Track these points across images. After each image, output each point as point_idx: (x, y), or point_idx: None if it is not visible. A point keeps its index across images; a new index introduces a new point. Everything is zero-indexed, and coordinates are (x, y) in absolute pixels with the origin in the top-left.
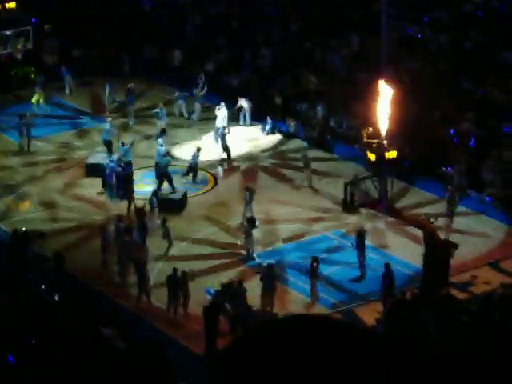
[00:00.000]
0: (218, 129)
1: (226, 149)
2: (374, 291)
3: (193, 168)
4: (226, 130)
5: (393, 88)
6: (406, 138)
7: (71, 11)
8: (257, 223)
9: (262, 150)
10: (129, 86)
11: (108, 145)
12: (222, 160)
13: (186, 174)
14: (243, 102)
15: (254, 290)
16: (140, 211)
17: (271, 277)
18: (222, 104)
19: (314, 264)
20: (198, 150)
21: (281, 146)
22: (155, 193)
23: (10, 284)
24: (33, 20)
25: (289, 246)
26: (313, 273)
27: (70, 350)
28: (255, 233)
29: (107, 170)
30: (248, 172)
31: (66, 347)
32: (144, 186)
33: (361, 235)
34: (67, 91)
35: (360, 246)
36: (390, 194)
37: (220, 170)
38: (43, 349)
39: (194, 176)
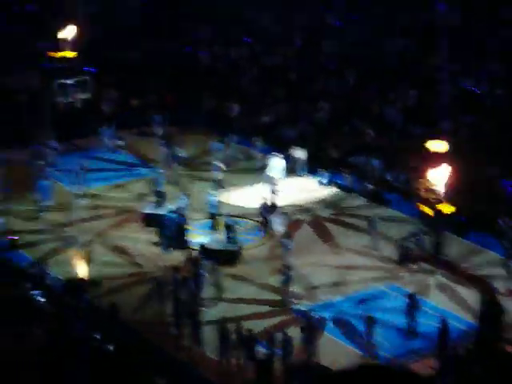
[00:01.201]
0: (271, 179)
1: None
2: (429, 346)
3: (266, 219)
4: (278, 184)
5: (449, 142)
6: (463, 192)
7: (130, 62)
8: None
9: (318, 202)
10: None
11: (160, 195)
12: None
13: (264, 227)
14: (298, 153)
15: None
16: (195, 261)
17: (312, 328)
18: (279, 155)
19: (369, 318)
20: (265, 200)
21: (337, 199)
22: (203, 245)
23: (63, 334)
24: (92, 70)
25: (343, 299)
26: (368, 327)
27: None
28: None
29: (166, 221)
30: (304, 224)
31: None
32: (198, 236)
33: (419, 293)
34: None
35: (413, 306)
36: (446, 248)
37: (276, 221)
38: None
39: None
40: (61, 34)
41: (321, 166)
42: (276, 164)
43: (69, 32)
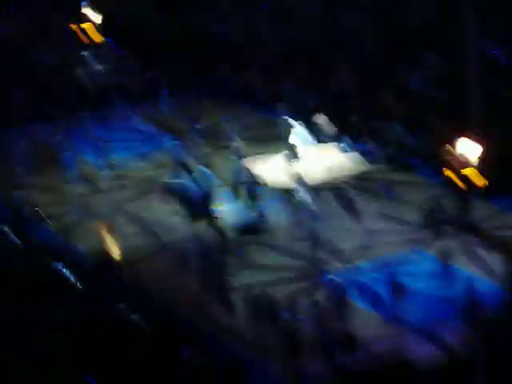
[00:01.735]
0: (293, 147)
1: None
2: (458, 312)
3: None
4: (300, 151)
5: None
6: (492, 161)
7: (147, 36)
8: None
9: (338, 168)
10: None
11: (182, 165)
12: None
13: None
14: (320, 119)
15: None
16: (219, 231)
17: (339, 295)
18: (299, 122)
19: (395, 284)
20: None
21: (358, 165)
22: (226, 214)
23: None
24: (111, 43)
25: (368, 265)
26: (394, 293)
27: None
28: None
29: (188, 191)
30: (326, 190)
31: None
32: (222, 205)
33: (446, 258)
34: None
35: (446, 269)
36: (473, 212)
37: (301, 189)
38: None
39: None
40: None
41: (342, 133)
42: (298, 131)
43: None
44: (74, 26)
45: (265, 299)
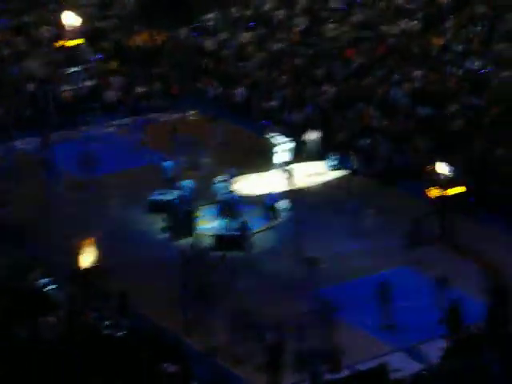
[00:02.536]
0: (282, 164)
1: (288, 186)
2: (441, 327)
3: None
4: (290, 167)
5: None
6: (470, 174)
7: (136, 49)
8: (318, 261)
9: (325, 185)
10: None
11: (167, 181)
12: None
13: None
14: (311, 135)
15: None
16: (203, 248)
17: (326, 313)
18: (286, 139)
19: (383, 293)
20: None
21: (344, 182)
22: (210, 231)
23: (72, 320)
24: (99, 56)
25: (354, 282)
26: (382, 301)
27: None
28: (318, 270)
29: (173, 207)
30: (312, 207)
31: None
32: (206, 222)
33: (442, 280)
34: None
35: (441, 290)
36: (455, 230)
37: (284, 206)
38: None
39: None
40: (65, 22)
41: (328, 150)
42: (285, 148)
43: (74, 20)
44: (61, 42)
45: (249, 317)
